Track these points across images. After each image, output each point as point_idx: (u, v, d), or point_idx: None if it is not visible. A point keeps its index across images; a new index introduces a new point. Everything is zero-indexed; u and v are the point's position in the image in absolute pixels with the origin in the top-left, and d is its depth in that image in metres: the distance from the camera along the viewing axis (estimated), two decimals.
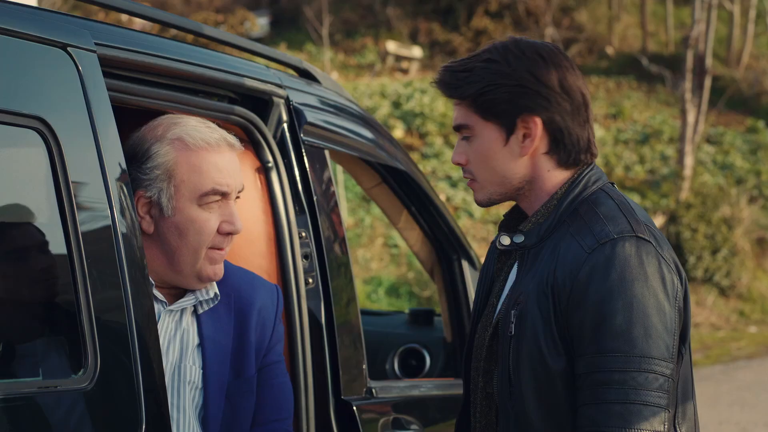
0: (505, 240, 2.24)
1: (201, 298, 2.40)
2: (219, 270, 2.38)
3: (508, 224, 2.34)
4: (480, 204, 2.28)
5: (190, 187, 2.32)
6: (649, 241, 2.11)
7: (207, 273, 2.36)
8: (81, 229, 2.00)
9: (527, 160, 2.22)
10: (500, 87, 2.17)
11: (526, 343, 2.12)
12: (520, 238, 2.22)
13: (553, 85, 2.18)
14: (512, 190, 2.24)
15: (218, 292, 2.42)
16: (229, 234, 2.37)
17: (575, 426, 2.09)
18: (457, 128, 2.24)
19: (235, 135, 2.43)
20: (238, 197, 2.42)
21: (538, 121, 2.19)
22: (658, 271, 2.09)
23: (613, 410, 2.02)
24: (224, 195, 2.36)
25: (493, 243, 2.44)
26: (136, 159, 2.34)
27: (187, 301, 2.39)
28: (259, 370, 2.47)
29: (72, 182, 2.01)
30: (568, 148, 2.22)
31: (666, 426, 2.04)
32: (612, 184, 2.27)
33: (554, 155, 2.22)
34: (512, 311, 2.15)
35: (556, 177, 2.23)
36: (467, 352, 2.41)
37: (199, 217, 2.33)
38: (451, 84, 2.21)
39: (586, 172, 2.23)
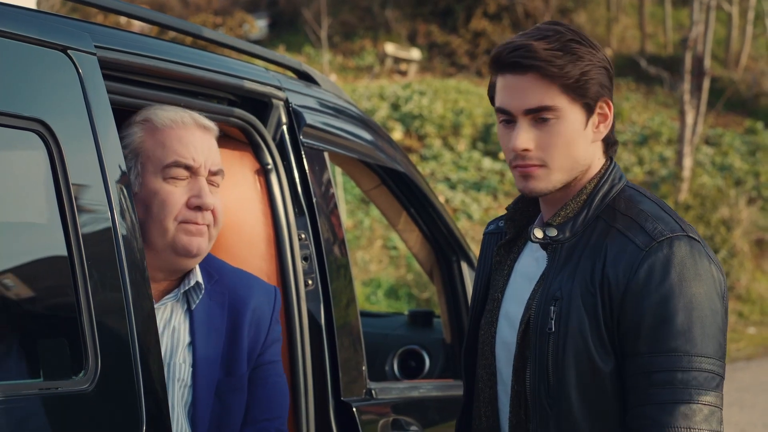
0: (539, 233, 2.18)
1: (183, 289, 2.42)
2: (196, 242, 2.36)
3: (513, 216, 2.32)
4: (536, 193, 2.16)
5: (154, 162, 2.37)
6: (699, 241, 2.10)
7: (182, 243, 2.35)
8: (81, 231, 2.01)
9: (594, 145, 2.19)
10: (595, 68, 2.12)
11: (572, 340, 2.08)
12: (553, 232, 2.17)
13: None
14: (574, 177, 2.17)
15: (201, 281, 2.43)
16: (199, 208, 2.36)
17: (630, 426, 2.07)
18: (537, 110, 2.11)
19: (234, 137, 2.44)
20: (214, 183, 2.41)
21: (611, 105, 2.18)
22: (709, 270, 2.08)
23: (678, 410, 2.00)
24: (190, 170, 2.37)
25: (486, 235, 2.42)
26: None
27: (171, 296, 2.41)
28: (253, 370, 2.48)
29: (72, 184, 2.01)
30: (613, 136, 2.23)
31: (722, 427, 2.04)
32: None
33: (604, 143, 2.21)
34: (551, 307, 2.11)
35: (596, 167, 2.20)
36: (467, 348, 2.38)
37: (162, 189, 2.35)
38: (553, 63, 2.09)
39: (611, 168, 2.21)
